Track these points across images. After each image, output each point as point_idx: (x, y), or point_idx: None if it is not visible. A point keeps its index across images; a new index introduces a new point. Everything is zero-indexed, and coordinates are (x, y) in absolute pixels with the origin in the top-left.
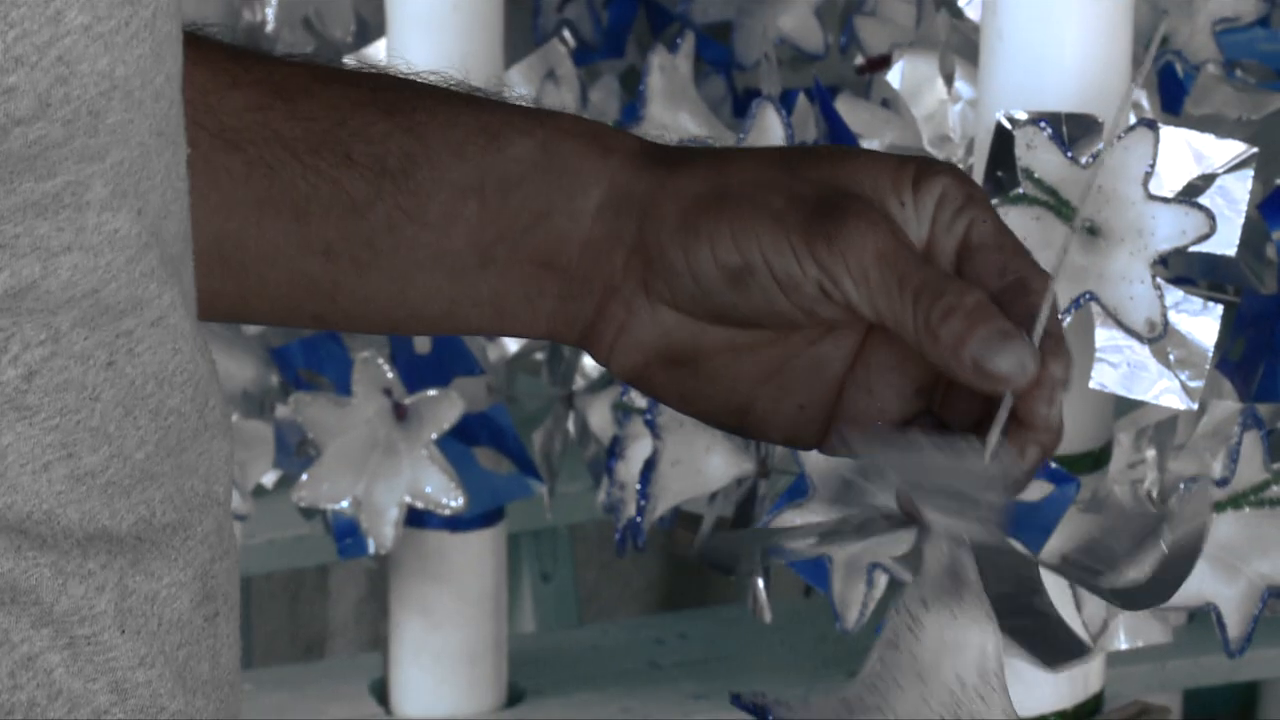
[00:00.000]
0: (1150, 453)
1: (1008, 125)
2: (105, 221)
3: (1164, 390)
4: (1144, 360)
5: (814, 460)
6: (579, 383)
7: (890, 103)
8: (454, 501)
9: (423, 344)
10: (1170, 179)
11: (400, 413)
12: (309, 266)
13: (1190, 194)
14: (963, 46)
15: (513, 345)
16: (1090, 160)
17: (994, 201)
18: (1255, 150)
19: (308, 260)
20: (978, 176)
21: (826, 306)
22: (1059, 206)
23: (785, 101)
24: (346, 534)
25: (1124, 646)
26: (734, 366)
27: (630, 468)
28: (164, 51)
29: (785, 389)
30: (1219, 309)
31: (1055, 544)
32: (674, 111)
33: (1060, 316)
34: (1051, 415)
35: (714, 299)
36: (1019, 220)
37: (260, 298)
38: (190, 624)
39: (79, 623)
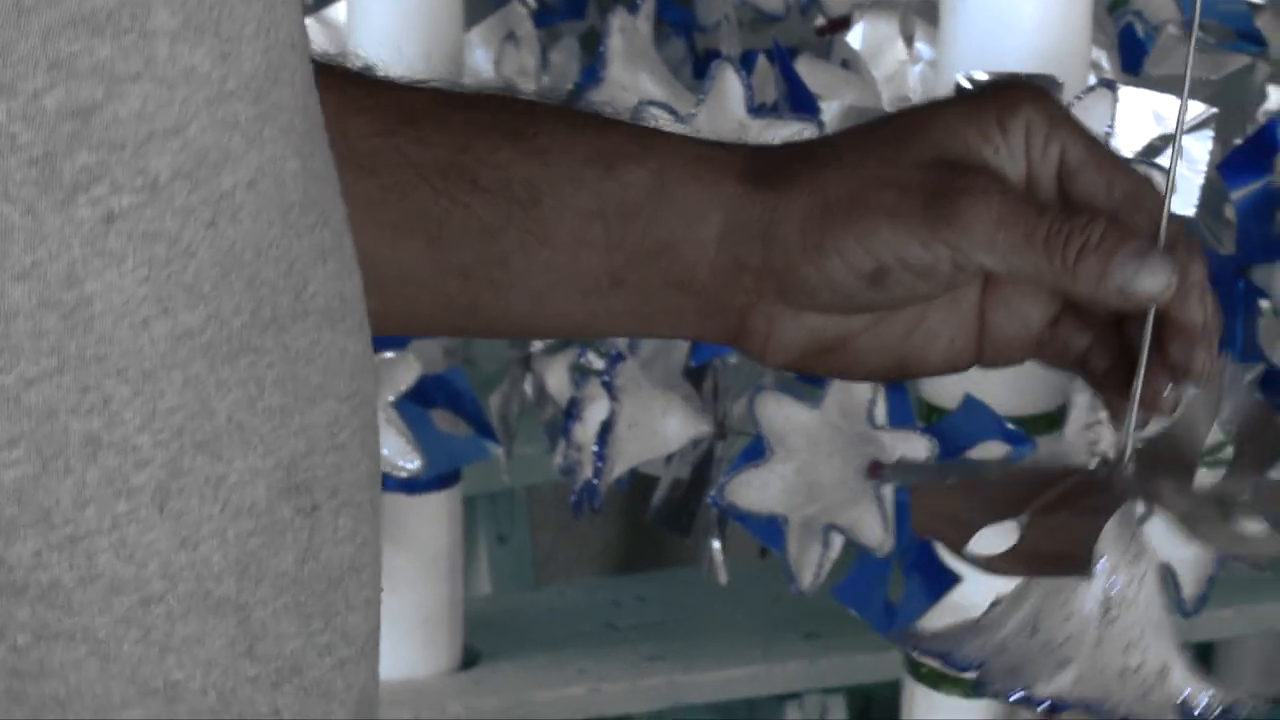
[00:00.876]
0: (1106, 413)
1: (968, 86)
2: (180, 55)
3: None
4: None
5: (771, 420)
6: (536, 345)
7: (850, 64)
8: (410, 464)
9: None
10: (1130, 139)
11: None
12: (448, 287)
13: (1150, 154)
14: (923, 7)
15: None
16: None
17: None
18: (1215, 111)
19: (446, 281)
20: None
21: (963, 277)
22: None
23: (745, 63)
24: None
25: None
26: (881, 335)
27: (587, 429)
28: None
29: (932, 334)
30: None
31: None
32: (634, 73)
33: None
34: (1206, 313)
35: (855, 300)
36: None
37: (402, 314)
38: (270, 513)
39: (114, 497)
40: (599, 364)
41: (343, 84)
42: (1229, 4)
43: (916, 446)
